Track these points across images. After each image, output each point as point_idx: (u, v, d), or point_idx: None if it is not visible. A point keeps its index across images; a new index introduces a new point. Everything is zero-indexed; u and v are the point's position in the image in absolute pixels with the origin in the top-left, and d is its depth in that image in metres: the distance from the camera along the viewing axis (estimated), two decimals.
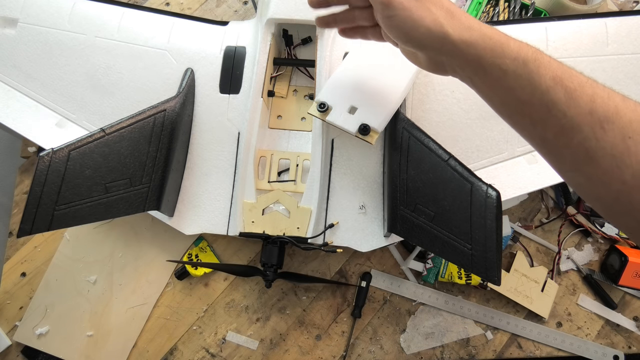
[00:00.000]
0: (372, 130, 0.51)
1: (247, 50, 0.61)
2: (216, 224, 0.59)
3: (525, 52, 0.35)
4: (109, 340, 0.61)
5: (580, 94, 0.33)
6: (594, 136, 0.32)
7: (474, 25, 0.37)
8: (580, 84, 0.33)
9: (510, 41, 0.36)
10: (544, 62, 0.34)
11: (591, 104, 0.32)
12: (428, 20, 0.37)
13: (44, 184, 0.50)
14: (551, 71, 0.34)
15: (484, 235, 0.47)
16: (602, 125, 0.32)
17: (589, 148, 0.33)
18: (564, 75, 0.34)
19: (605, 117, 0.32)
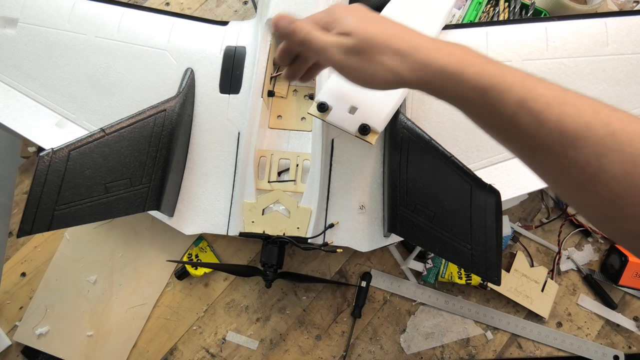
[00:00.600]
0: (372, 130, 0.51)
1: (247, 50, 0.61)
2: (216, 224, 0.59)
3: (486, 79, 0.33)
4: (109, 340, 0.61)
5: (547, 115, 0.31)
6: (566, 155, 0.31)
7: (428, 59, 0.35)
8: (547, 104, 0.31)
9: (468, 69, 0.34)
10: (507, 85, 0.32)
11: (560, 123, 0.31)
12: (380, 73, 0.36)
13: (44, 184, 0.50)
14: (514, 95, 0.32)
15: (484, 235, 0.47)
16: (573, 143, 0.31)
17: (563, 166, 0.32)
18: (529, 96, 0.32)
19: (575, 135, 0.30)
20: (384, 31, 0.35)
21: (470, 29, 0.60)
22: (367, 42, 0.36)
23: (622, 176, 0.29)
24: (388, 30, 0.36)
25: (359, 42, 0.36)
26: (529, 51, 0.57)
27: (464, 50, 0.35)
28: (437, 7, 0.58)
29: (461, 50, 0.35)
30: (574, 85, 0.56)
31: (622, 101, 0.56)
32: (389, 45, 0.35)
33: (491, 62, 0.34)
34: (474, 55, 0.35)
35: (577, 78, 0.57)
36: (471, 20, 0.71)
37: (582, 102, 0.31)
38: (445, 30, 0.59)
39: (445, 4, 0.58)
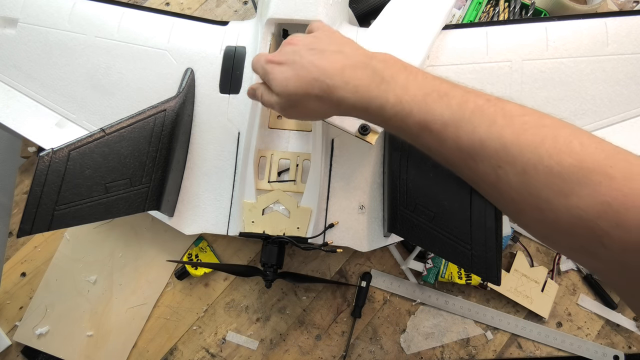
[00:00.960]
0: (372, 130, 0.51)
1: (247, 50, 0.61)
2: (216, 224, 0.59)
3: (387, 112, 0.36)
4: (109, 340, 0.62)
5: (446, 134, 0.34)
6: (469, 168, 0.34)
7: (340, 99, 0.38)
8: (444, 124, 0.34)
9: (372, 103, 0.37)
10: (406, 112, 0.35)
11: (457, 140, 0.33)
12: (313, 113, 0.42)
13: (44, 184, 0.50)
14: (414, 119, 0.35)
15: (484, 235, 0.47)
16: (472, 158, 0.33)
17: (471, 178, 0.35)
18: (427, 119, 0.34)
19: (472, 151, 0.33)
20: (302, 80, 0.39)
21: (470, 29, 0.60)
22: (291, 98, 0.40)
23: (518, 185, 0.31)
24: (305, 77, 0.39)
25: (286, 101, 0.41)
26: (529, 51, 0.57)
27: (370, 78, 0.37)
28: (437, 7, 0.58)
29: (367, 79, 0.37)
30: (573, 86, 0.57)
31: (622, 101, 0.56)
32: (307, 94, 0.39)
33: (392, 91, 0.36)
34: (379, 81, 0.37)
35: (577, 78, 0.57)
36: (471, 20, 0.71)
37: (478, 117, 0.33)
38: (445, 30, 0.59)
39: (445, 4, 0.58)
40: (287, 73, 0.40)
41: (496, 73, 0.57)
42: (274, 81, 0.41)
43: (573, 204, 0.28)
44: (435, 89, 0.35)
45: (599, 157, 0.28)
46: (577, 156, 0.29)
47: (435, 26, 0.58)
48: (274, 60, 0.42)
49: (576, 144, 0.29)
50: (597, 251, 0.28)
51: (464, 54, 0.58)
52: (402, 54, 0.56)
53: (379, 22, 0.58)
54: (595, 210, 0.27)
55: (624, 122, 0.57)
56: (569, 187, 0.28)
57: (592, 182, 0.28)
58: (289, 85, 0.40)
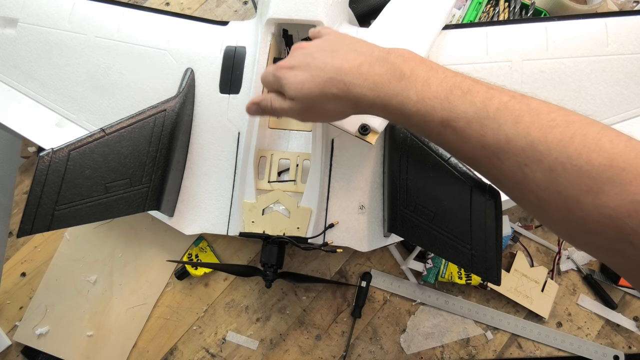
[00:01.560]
0: (372, 130, 0.51)
1: (247, 50, 0.61)
2: (216, 224, 0.59)
3: (408, 108, 0.35)
4: (109, 340, 0.62)
5: (469, 132, 0.33)
6: (493, 166, 0.33)
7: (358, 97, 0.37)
8: (468, 121, 0.33)
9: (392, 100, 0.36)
10: (428, 110, 0.34)
11: (482, 138, 0.33)
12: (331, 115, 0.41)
13: (44, 184, 0.50)
14: (437, 117, 0.34)
15: (484, 235, 0.47)
16: (497, 156, 0.32)
17: (494, 177, 0.34)
18: (451, 117, 0.34)
19: (497, 149, 0.32)
20: (317, 81, 0.38)
21: (470, 29, 0.60)
22: (308, 102, 0.40)
23: (545, 184, 0.30)
24: (320, 77, 0.38)
25: (302, 104, 0.40)
26: (529, 51, 0.57)
27: (390, 74, 0.36)
28: (437, 7, 0.58)
29: (387, 75, 0.36)
30: (573, 86, 0.57)
31: (622, 101, 0.56)
32: (325, 95, 0.38)
33: (413, 87, 0.35)
34: (399, 77, 0.36)
35: (577, 78, 0.57)
36: (471, 20, 0.71)
37: (503, 113, 0.32)
38: (445, 30, 0.59)
39: (445, 4, 0.58)
40: (301, 76, 0.39)
41: (496, 73, 0.57)
42: (288, 85, 0.40)
43: (602, 203, 0.28)
44: (457, 85, 0.34)
45: (629, 155, 0.28)
46: (606, 154, 0.28)
47: (435, 26, 0.58)
48: (285, 65, 0.41)
49: (605, 142, 0.29)
50: (625, 250, 0.28)
51: (464, 54, 0.58)
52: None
53: (379, 22, 0.58)
54: (625, 209, 0.27)
55: (624, 122, 0.57)
56: (598, 186, 0.28)
57: (622, 180, 0.27)
58: (304, 88, 0.39)
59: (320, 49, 0.40)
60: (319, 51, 0.40)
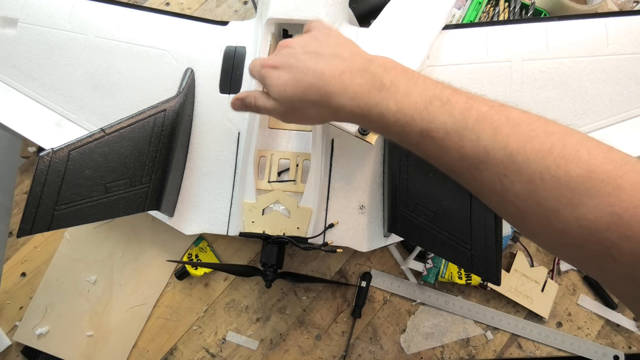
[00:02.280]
0: (372, 130, 0.51)
1: (247, 50, 0.61)
2: (216, 224, 0.59)
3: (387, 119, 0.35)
4: (109, 340, 0.61)
5: (448, 143, 0.33)
6: (473, 177, 0.33)
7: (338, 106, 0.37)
8: (447, 132, 0.33)
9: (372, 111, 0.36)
10: (407, 120, 0.34)
11: (461, 150, 0.32)
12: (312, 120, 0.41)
13: (44, 184, 0.50)
14: (416, 127, 0.34)
15: (484, 235, 0.48)
16: (476, 167, 0.32)
17: (474, 187, 0.34)
18: (430, 127, 0.33)
19: (476, 160, 0.32)
20: (299, 85, 0.39)
21: (470, 29, 0.60)
22: (289, 105, 0.40)
23: (524, 195, 0.30)
24: (302, 82, 0.38)
25: (283, 107, 0.41)
26: (529, 51, 0.57)
27: (371, 84, 0.36)
28: (437, 7, 0.58)
29: (367, 85, 0.36)
30: (573, 86, 0.57)
31: (622, 101, 0.56)
32: (305, 100, 0.39)
33: (392, 98, 0.35)
34: (379, 87, 0.36)
35: (577, 78, 0.57)
36: (471, 20, 0.71)
37: (482, 125, 0.32)
38: (445, 30, 0.59)
39: (446, 4, 0.58)
40: (284, 77, 0.40)
41: (496, 73, 0.57)
42: (272, 87, 0.40)
43: (581, 215, 0.27)
44: (437, 96, 0.34)
45: (608, 167, 0.27)
46: (585, 166, 0.28)
47: (435, 26, 0.58)
48: (269, 64, 0.41)
49: (584, 153, 0.28)
50: (606, 264, 0.28)
51: (464, 54, 0.58)
52: (402, 54, 0.56)
53: (379, 22, 0.58)
54: (604, 221, 0.26)
55: (624, 122, 0.57)
56: (577, 198, 0.28)
57: (600, 192, 0.27)
58: (286, 90, 0.39)
59: (305, 51, 0.40)
60: (304, 53, 0.40)
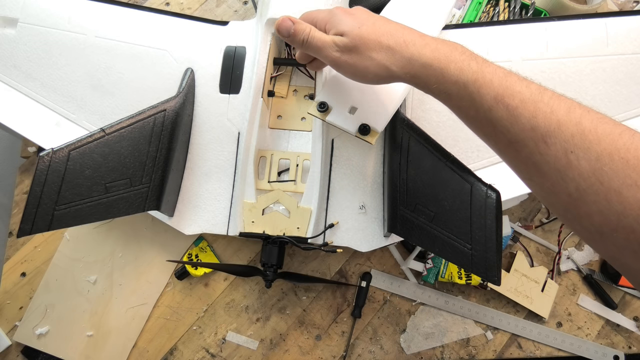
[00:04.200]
0: (372, 130, 0.51)
1: (247, 50, 0.61)
2: (216, 224, 0.59)
3: (466, 75, 0.36)
4: (109, 340, 0.61)
5: (522, 111, 0.33)
6: (538, 150, 0.33)
7: (414, 54, 0.38)
8: (522, 101, 0.34)
9: (451, 65, 0.36)
10: (486, 81, 0.35)
11: (533, 119, 0.33)
12: (372, 67, 0.40)
13: (44, 184, 0.50)
14: (492, 90, 0.35)
15: (484, 235, 0.47)
16: (544, 139, 0.32)
17: (536, 162, 0.34)
18: (506, 93, 0.34)
19: (547, 132, 0.32)
20: (376, 30, 0.38)
21: (470, 29, 0.60)
22: (360, 41, 0.38)
23: (588, 173, 0.31)
24: (380, 29, 0.38)
25: (352, 41, 0.39)
26: (529, 51, 0.57)
27: (452, 47, 0.37)
28: (437, 7, 0.58)
29: (449, 47, 0.37)
30: (574, 86, 0.57)
31: (622, 101, 0.56)
32: (379, 43, 0.38)
33: (475, 59, 0.36)
34: (461, 52, 0.37)
35: (577, 78, 0.57)
36: (471, 20, 0.71)
37: (556, 102, 0.33)
38: (445, 30, 0.59)
39: (446, 4, 0.58)
40: (361, 18, 0.39)
41: None
42: (344, 21, 0.39)
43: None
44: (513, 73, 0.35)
45: None
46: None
47: (435, 26, 0.58)
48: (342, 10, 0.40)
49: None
50: None
51: None
52: None
53: None
54: None
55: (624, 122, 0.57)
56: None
57: None
58: (362, 28, 0.38)
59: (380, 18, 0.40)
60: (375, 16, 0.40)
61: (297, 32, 0.42)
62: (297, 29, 0.42)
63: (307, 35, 0.41)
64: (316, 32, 0.41)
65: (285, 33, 0.43)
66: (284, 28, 0.43)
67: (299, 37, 0.41)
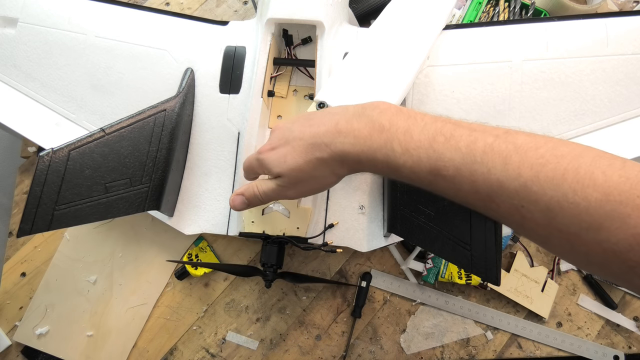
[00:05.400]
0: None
1: (247, 50, 0.61)
2: (216, 224, 0.59)
3: (395, 162, 0.35)
4: (109, 340, 0.62)
5: (460, 179, 0.33)
6: (490, 209, 0.33)
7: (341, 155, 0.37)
8: (457, 169, 0.32)
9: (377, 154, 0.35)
10: (414, 161, 0.34)
11: (474, 184, 0.32)
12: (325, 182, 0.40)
13: (43, 184, 0.50)
14: (425, 167, 0.34)
15: (483, 235, 0.47)
16: (492, 200, 0.32)
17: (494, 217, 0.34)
18: (438, 166, 0.33)
19: (491, 192, 0.31)
20: (300, 152, 0.38)
21: (470, 29, 0.60)
22: (294, 173, 0.39)
23: (545, 222, 0.30)
24: (299, 148, 0.38)
25: (289, 178, 0.39)
26: (529, 51, 0.57)
27: (370, 126, 0.36)
28: (437, 7, 0.58)
29: (367, 128, 0.36)
30: (574, 86, 0.57)
31: (622, 102, 0.56)
32: (310, 162, 0.38)
33: (395, 139, 0.35)
34: (378, 132, 0.35)
35: (577, 78, 0.57)
36: (471, 20, 0.71)
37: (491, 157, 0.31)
38: (445, 30, 0.59)
39: (446, 4, 0.58)
40: (282, 150, 0.39)
41: (496, 73, 0.57)
42: (272, 163, 0.40)
43: (603, 238, 0.28)
44: (439, 131, 0.34)
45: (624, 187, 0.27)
46: (601, 189, 0.28)
47: (435, 27, 0.58)
48: (265, 149, 0.41)
49: (599, 175, 0.28)
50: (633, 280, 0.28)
51: (464, 54, 0.58)
52: (403, 54, 0.56)
53: (379, 22, 0.58)
54: (627, 243, 0.27)
55: (624, 122, 0.57)
56: (598, 222, 0.28)
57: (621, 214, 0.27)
58: (287, 160, 0.39)
59: (296, 122, 0.40)
60: (295, 123, 0.40)
61: (250, 199, 0.43)
62: (249, 197, 0.43)
63: (260, 194, 0.42)
64: (263, 186, 0.42)
65: (243, 207, 0.44)
66: (239, 204, 0.43)
67: (255, 201, 0.43)
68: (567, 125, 0.57)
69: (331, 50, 0.58)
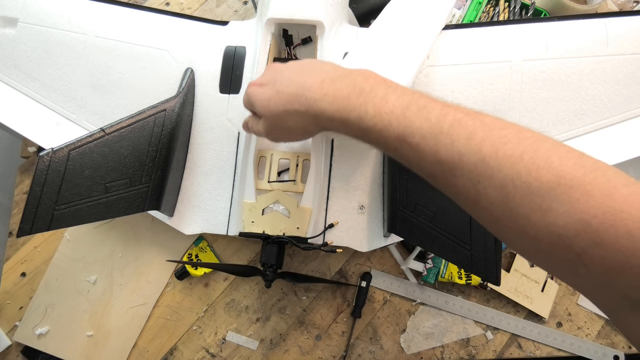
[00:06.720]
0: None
1: (247, 50, 0.61)
2: (216, 224, 0.59)
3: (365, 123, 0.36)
4: (109, 340, 0.62)
5: (424, 147, 0.33)
6: (449, 183, 0.33)
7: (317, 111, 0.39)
8: (423, 137, 0.33)
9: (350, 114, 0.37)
10: (385, 125, 0.35)
11: (436, 154, 0.32)
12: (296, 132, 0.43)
13: (43, 184, 0.50)
14: (393, 132, 0.35)
15: (483, 235, 0.48)
16: (452, 172, 0.32)
17: (451, 193, 0.34)
18: (406, 132, 0.34)
19: (452, 164, 0.32)
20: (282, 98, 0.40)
21: (470, 29, 0.60)
22: (274, 120, 0.42)
23: (497, 201, 0.30)
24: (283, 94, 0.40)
25: (269, 122, 0.43)
26: (529, 51, 0.57)
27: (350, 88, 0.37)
28: (437, 7, 0.58)
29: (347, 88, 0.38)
30: (573, 86, 0.57)
31: (622, 101, 0.56)
32: (288, 112, 0.40)
33: (371, 102, 0.36)
34: (358, 92, 0.37)
35: (577, 78, 0.57)
36: (471, 20, 0.71)
37: (457, 130, 0.32)
38: (445, 30, 0.59)
39: (446, 4, 0.58)
40: (268, 92, 0.41)
41: (496, 73, 0.57)
42: (257, 103, 0.42)
43: (551, 221, 0.27)
44: (414, 101, 0.35)
45: (578, 173, 0.27)
46: (555, 171, 0.28)
47: (435, 26, 0.58)
48: (255, 82, 0.43)
49: (555, 159, 0.28)
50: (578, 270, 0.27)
51: (464, 54, 0.58)
52: (403, 53, 0.56)
53: (379, 22, 0.58)
54: (574, 228, 0.26)
55: (624, 122, 0.57)
56: (547, 204, 0.28)
57: (570, 198, 0.27)
58: (270, 105, 0.41)
59: (290, 67, 0.42)
60: (287, 68, 0.42)
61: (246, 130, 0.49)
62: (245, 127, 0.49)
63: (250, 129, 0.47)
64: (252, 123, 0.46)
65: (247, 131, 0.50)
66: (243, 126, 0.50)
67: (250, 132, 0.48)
68: (567, 125, 0.57)
69: (331, 50, 0.58)
